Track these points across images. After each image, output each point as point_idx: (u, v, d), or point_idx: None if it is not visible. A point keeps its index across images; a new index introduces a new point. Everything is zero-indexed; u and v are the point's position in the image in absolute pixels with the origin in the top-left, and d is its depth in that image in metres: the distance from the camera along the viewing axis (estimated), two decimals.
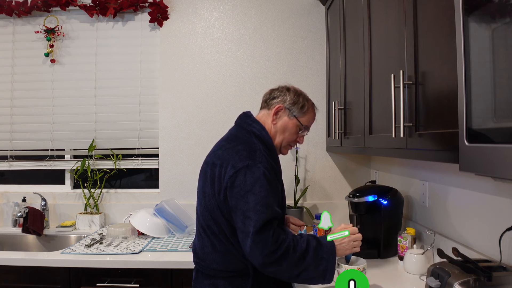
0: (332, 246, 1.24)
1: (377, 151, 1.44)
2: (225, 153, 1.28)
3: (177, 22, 2.40)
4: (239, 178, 1.20)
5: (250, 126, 1.37)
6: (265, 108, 1.44)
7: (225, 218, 1.26)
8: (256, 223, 1.15)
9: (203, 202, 1.32)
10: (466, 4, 0.72)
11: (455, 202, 1.45)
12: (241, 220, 1.18)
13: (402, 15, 1.19)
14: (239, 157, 1.23)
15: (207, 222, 1.30)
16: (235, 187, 1.20)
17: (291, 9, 2.39)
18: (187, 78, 2.40)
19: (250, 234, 1.15)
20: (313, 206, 2.37)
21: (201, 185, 1.34)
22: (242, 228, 1.18)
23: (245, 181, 1.19)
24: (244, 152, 1.24)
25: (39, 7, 2.35)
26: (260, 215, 1.16)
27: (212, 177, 1.28)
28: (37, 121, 2.44)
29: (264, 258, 1.15)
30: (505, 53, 0.64)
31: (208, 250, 1.31)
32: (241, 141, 1.31)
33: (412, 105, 1.12)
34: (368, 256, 1.63)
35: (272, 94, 1.44)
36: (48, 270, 1.72)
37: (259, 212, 1.16)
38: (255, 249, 1.15)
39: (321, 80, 2.39)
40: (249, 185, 1.19)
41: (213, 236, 1.29)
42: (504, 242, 1.12)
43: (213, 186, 1.27)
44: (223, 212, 1.25)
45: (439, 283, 1.01)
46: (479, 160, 0.70)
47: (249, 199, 1.18)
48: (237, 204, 1.20)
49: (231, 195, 1.21)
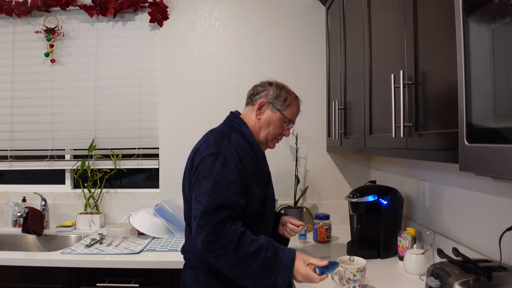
0: (289, 264, 1.17)
1: (377, 151, 1.44)
2: (198, 145, 1.34)
3: (177, 22, 2.40)
4: (201, 165, 1.23)
5: (231, 121, 1.40)
6: (250, 104, 1.46)
7: None
8: (203, 207, 1.15)
9: (183, 195, 1.37)
10: (466, 4, 0.72)
11: (455, 202, 1.45)
12: (194, 205, 1.21)
13: (402, 15, 1.19)
14: (206, 145, 1.27)
15: (187, 214, 1.35)
16: (196, 173, 1.24)
17: (291, 9, 2.39)
18: (187, 78, 2.40)
19: (196, 218, 1.16)
20: (313, 206, 2.37)
21: (183, 180, 1.39)
22: (193, 213, 1.20)
23: (204, 167, 1.22)
24: (212, 142, 1.27)
25: (39, 7, 2.35)
26: (208, 200, 1.16)
27: (187, 169, 1.35)
28: (37, 121, 2.44)
29: (203, 245, 1.14)
30: (505, 53, 0.64)
31: (190, 242, 1.35)
32: (215, 133, 1.34)
33: (412, 105, 1.12)
34: (368, 256, 1.63)
35: (255, 90, 1.46)
36: (48, 270, 1.72)
37: (208, 197, 1.16)
38: (197, 233, 1.15)
39: (321, 80, 2.39)
40: (206, 171, 1.20)
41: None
42: (504, 242, 1.12)
43: (188, 178, 1.32)
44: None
45: (439, 283, 1.01)
46: (479, 160, 0.70)
47: (203, 184, 1.19)
48: (193, 189, 1.23)
49: (193, 181, 1.25)
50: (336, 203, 2.35)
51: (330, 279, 1.40)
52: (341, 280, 1.31)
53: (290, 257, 1.19)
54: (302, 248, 1.87)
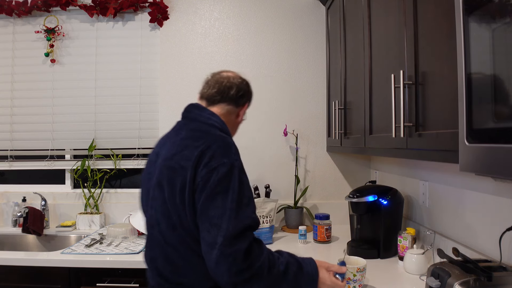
0: (315, 276, 1.12)
1: (377, 151, 1.44)
2: (178, 150, 1.13)
3: (177, 22, 2.40)
4: (212, 179, 1.03)
5: (209, 119, 1.24)
6: (232, 105, 1.30)
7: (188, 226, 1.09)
8: (228, 233, 0.98)
9: (161, 215, 1.13)
10: (466, 4, 0.72)
11: (455, 202, 1.45)
12: (206, 228, 1.01)
13: (402, 15, 1.19)
14: (211, 154, 1.07)
15: (176, 237, 1.14)
16: (206, 188, 1.03)
17: (291, 9, 2.39)
18: (187, 78, 2.40)
19: (216, 245, 0.98)
20: (313, 206, 2.37)
21: (167, 192, 1.11)
22: (209, 239, 1.00)
23: (218, 181, 1.03)
24: (218, 150, 1.08)
25: (39, 7, 2.35)
26: (233, 223, 0.99)
27: (167, 180, 1.11)
28: (37, 121, 2.44)
29: (233, 276, 0.97)
30: (505, 53, 0.64)
31: (191, 268, 1.17)
32: (212, 137, 1.14)
33: (412, 105, 1.12)
34: (368, 256, 1.63)
35: (239, 92, 1.31)
36: (48, 270, 1.72)
37: (231, 219, 0.99)
38: (221, 264, 0.97)
39: (321, 80, 2.39)
40: (222, 187, 1.02)
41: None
42: (504, 242, 1.12)
43: (178, 193, 1.08)
44: (187, 218, 1.08)
45: (439, 283, 1.01)
46: (479, 160, 0.70)
47: (218, 203, 1.01)
48: (201, 209, 1.03)
49: (200, 197, 1.04)
50: (336, 203, 2.35)
51: None
52: None
53: (313, 268, 1.13)
54: (302, 248, 1.87)
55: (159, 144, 1.28)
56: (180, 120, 1.32)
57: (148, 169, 1.24)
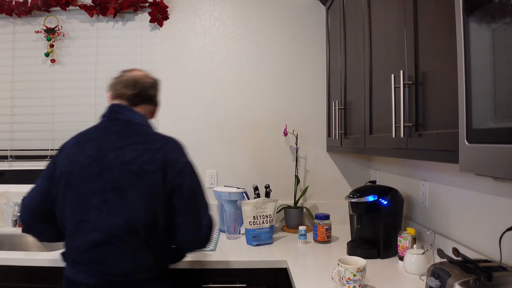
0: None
1: (377, 151, 1.44)
2: (144, 151, 1.24)
3: (177, 22, 2.40)
4: (184, 179, 1.26)
5: (144, 121, 1.35)
6: (149, 104, 1.40)
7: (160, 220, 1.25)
8: (206, 217, 1.30)
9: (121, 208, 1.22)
10: (466, 4, 0.72)
11: (455, 202, 1.45)
12: (189, 217, 1.27)
13: (402, 15, 1.19)
14: (178, 153, 1.29)
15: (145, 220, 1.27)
16: (183, 188, 1.25)
17: (291, 9, 2.39)
18: (187, 78, 2.40)
19: (203, 228, 1.29)
20: (313, 206, 2.37)
21: (131, 194, 1.21)
22: (191, 224, 1.28)
23: (189, 180, 1.27)
24: (179, 148, 1.31)
25: (39, 7, 2.35)
26: (207, 209, 1.31)
27: (154, 183, 1.22)
28: (37, 121, 2.44)
29: (206, 242, 1.33)
30: (505, 53, 0.64)
31: (161, 251, 1.38)
32: (168, 138, 1.33)
33: (412, 105, 1.12)
34: (368, 256, 1.63)
35: (156, 92, 1.43)
36: (48, 270, 1.72)
37: (205, 207, 1.31)
38: (205, 238, 1.32)
39: (321, 80, 2.39)
40: (193, 183, 1.28)
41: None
42: (504, 242, 1.12)
43: (155, 192, 1.22)
44: (161, 213, 1.24)
45: (439, 283, 1.01)
46: (479, 160, 0.70)
47: (195, 197, 1.29)
48: (186, 203, 1.27)
49: (179, 196, 1.25)
50: (336, 203, 2.35)
51: (330, 279, 1.40)
52: (341, 280, 1.31)
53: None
54: (302, 248, 1.87)
55: (91, 146, 1.28)
56: (107, 120, 1.34)
57: (82, 172, 1.25)
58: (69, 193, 1.25)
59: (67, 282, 1.30)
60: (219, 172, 2.38)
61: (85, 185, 1.23)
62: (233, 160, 2.38)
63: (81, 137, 1.33)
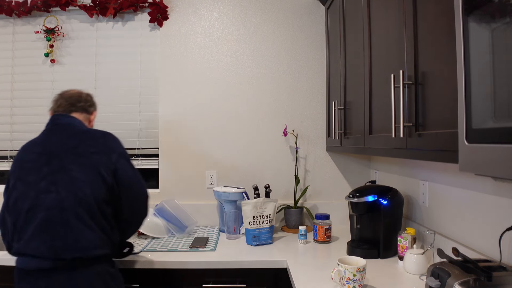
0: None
1: (377, 151, 1.44)
2: (98, 143, 1.47)
3: (177, 22, 2.40)
4: (124, 161, 1.48)
5: (79, 122, 1.56)
6: (85, 113, 1.62)
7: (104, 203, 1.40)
8: (145, 188, 1.54)
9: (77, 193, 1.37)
10: (466, 4, 0.72)
11: (455, 202, 1.45)
12: (132, 190, 1.47)
13: (402, 15, 1.19)
14: (116, 145, 1.51)
15: (97, 198, 1.41)
16: (126, 169, 1.47)
17: (291, 9, 2.39)
18: (187, 78, 2.40)
19: (146, 198, 1.54)
20: (313, 206, 2.37)
21: (76, 172, 1.37)
22: (134, 196, 1.49)
23: (127, 162, 1.49)
24: (114, 140, 1.52)
25: (39, 7, 2.35)
26: (143, 181, 1.54)
27: (98, 163, 1.41)
28: (37, 121, 2.43)
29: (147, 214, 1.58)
30: (505, 53, 0.64)
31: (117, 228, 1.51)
32: (100, 131, 1.54)
33: (412, 105, 1.12)
34: (368, 256, 1.63)
35: (87, 103, 1.63)
36: None
37: (142, 180, 1.54)
38: (146, 208, 1.55)
39: (321, 80, 2.39)
40: (130, 164, 1.51)
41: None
42: (504, 242, 1.12)
43: (98, 170, 1.39)
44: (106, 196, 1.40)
45: (439, 283, 1.01)
46: (479, 160, 0.70)
47: (135, 175, 1.50)
48: (128, 180, 1.47)
49: (123, 174, 1.45)
50: (336, 203, 2.35)
51: (330, 279, 1.40)
52: (341, 280, 1.31)
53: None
54: (302, 248, 1.87)
55: (38, 147, 1.45)
56: (50, 127, 1.53)
57: (30, 166, 1.40)
58: (18, 186, 1.37)
59: (19, 274, 1.36)
60: (219, 172, 2.38)
61: (33, 175, 1.37)
62: (233, 160, 2.38)
63: (28, 144, 1.50)
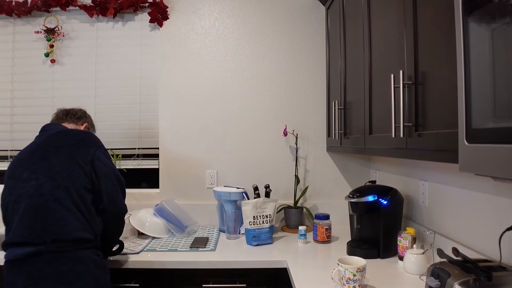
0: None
1: (377, 151, 1.44)
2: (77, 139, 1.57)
3: (177, 22, 2.40)
4: (101, 154, 1.56)
5: (66, 127, 1.67)
6: (73, 123, 1.76)
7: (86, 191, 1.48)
8: (121, 177, 1.62)
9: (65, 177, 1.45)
10: (466, 4, 0.72)
11: (455, 202, 1.45)
12: (108, 180, 1.53)
13: (402, 15, 1.19)
14: (95, 140, 1.60)
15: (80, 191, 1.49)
16: (102, 160, 1.54)
17: (291, 9, 2.39)
18: (187, 78, 2.40)
19: (121, 186, 1.62)
20: (313, 206, 2.37)
21: (54, 159, 1.47)
22: (109, 184, 1.55)
23: (104, 155, 1.57)
24: (93, 137, 1.61)
25: (39, 7, 2.35)
26: (119, 176, 1.61)
27: (74, 152, 1.50)
28: (37, 121, 2.43)
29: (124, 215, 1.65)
30: (505, 53, 0.64)
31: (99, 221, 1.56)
32: (83, 131, 1.66)
33: (412, 105, 1.12)
34: (368, 256, 1.63)
35: (76, 115, 1.79)
36: None
37: (118, 172, 1.61)
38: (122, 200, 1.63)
39: (321, 80, 2.39)
40: (108, 157, 1.59)
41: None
42: (504, 242, 1.12)
43: (71, 161, 1.47)
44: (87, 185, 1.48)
45: (439, 283, 1.01)
46: (479, 160, 0.70)
47: (111, 166, 1.58)
48: (105, 170, 1.54)
49: (100, 165, 1.52)
50: (336, 203, 2.35)
51: (330, 279, 1.40)
52: (341, 280, 1.31)
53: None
54: (302, 248, 1.87)
55: (28, 147, 1.56)
56: (39, 135, 1.64)
57: (17, 164, 1.50)
58: (8, 183, 1.47)
59: (6, 266, 1.38)
60: (219, 172, 2.38)
61: (18, 170, 1.46)
62: (233, 160, 2.38)
63: (21, 151, 1.58)
